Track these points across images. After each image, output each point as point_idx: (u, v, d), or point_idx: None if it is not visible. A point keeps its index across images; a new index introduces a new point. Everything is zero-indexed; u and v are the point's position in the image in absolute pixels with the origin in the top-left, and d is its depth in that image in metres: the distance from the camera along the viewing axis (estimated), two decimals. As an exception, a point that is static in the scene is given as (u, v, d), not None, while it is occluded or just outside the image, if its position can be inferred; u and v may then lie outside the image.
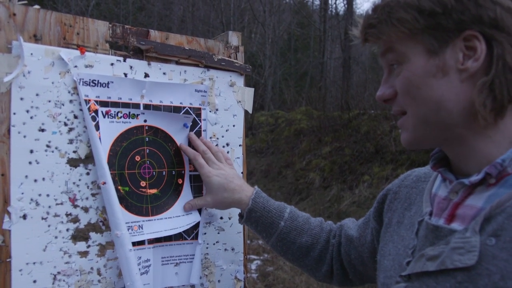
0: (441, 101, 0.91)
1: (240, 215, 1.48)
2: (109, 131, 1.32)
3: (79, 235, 1.27)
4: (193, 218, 1.45)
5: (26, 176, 1.18)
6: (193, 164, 1.45)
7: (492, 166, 0.87)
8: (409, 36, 0.92)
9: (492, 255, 0.80)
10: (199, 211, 1.48)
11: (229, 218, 1.55)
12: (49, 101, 1.22)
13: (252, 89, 1.62)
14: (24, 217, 1.18)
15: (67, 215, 1.24)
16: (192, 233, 1.47)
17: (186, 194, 1.46)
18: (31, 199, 1.19)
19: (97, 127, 1.29)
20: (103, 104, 1.31)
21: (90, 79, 1.28)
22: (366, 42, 1.02)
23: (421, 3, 0.89)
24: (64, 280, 1.23)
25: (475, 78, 0.89)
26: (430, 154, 1.07)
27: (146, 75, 1.39)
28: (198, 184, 1.49)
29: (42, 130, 1.21)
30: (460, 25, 0.88)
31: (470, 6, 0.86)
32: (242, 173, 1.58)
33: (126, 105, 1.35)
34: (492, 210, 0.84)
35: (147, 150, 1.39)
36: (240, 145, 1.58)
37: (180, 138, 1.45)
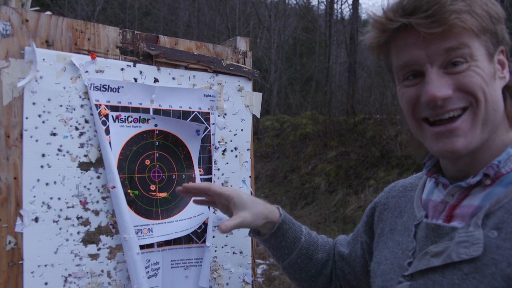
0: (498, 102, 0.95)
1: (255, 232, 1.39)
2: (119, 135, 1.33)
3: (90, 238, 1.29)
4: (204, 217, 1.46)
5: (38, 180, 1.20)
6: (214, 191, 1.30)
7: (490, 168, 0.93)
8: (476, 35, 0.92)
9: (496, 245, 0.85)
10: (208, 208, 1.49)
11: (237, 222, 1.56)
12: (61, 106, 1.24)
13: (260, 94, 1.63)
14: (36, 220, 1.19)
15: (78, 218, 1.26)
16: (202, 236, 1.48)
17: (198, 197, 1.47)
18: (43, 202, 1.21)
19: (107, 131, 1.30)
20: (114, 108, 1.33)
21: (100, 84, 1.30)
22: (437, 27, 0.90)
23: (489, 6, 0.93)
24: (75, 283, 1.25)
25: (506, 87, 0.98)
26: (423, 162, 1.11)
27: (156, 80, 1.41)
28: (207, 188, 1.50)
29: (54, 134, 1.23)
30: (502, 39, 0.96)
31: (504, 28, 0.96)
32: (250, 177, 1.59)
33: (136, 109, 1.37)
34: (492, 207, 0.90)
35: (157, 154, 1.41)
36: (248, 149, 1.60)
37: (192, 144, 1.47)
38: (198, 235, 1.47)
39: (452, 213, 0.97)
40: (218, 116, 1.53)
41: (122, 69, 1.35)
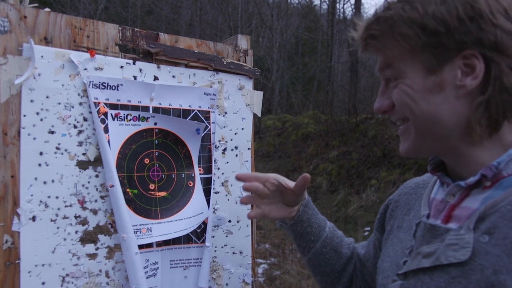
0: (437, 115, 0.92)
1: (281, 223, 1.42)
2: (118, 133, 1.32)
3: (88, 238, 1.27)
4: (203, 216, 1.45)
5: (36, 178, 1.19)
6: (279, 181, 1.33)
7: (488, 169, 0.90)
8: (409, 52, 0.93)
9: (485, 251, 0.83)
10: (208, 208, 1.47)
11: (237, 222, 1.55)
12: (59, 104, 1.23)
13: (261, 93, 1.61)
14: (33, 219, 1.18)
15: (76, 217, 1.25)
16: (202, 236, 1.47)
17: (198, 196, 1.46)
18: (40, 201, 1.19)
19: (106, 129, 1.29)
20: (113, 106, 1.31)
21: (99, 82, 1.29)
22: (365, 51, 1.03)
23: (425, 21, 0.89)
24: (72, 282, 1.23)
25: (471, 95, 0.90)
26: (429, 159, 1.09)
27: (156, 78, 1.40)
28: (207, 187, 1.48)
29: (52, 132, 1.21)
30: (461, 45, 0.89)
31: (472, 28, 0.87)
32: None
33: (135, 107, 1.35)
34: (487, 210, 0.87)
35: (156, 153, 1.39)
36: (248, 148, 1.58)
37: (191, 143, 1.45)
38: (198, 235, 1.46)
39: (451, 214, 0.95)
40: (219, 114, 1.51)
41: (121, 67, 1.34)
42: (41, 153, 1.20)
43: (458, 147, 0.95)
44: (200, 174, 1.48)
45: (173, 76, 1.43)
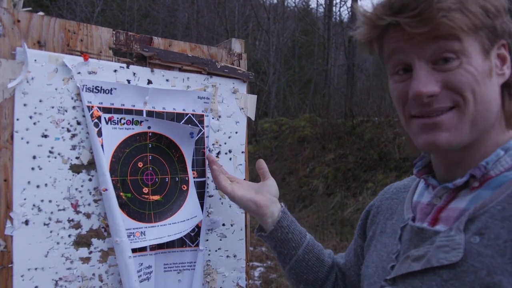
0: (491, 101, 0.92)
1: (258, 230, 1.44)
2: (112, 137, 1.32)
3: (81, 241, 1.27)
4: (197, 220, 1.45)
5: (29, 182, 1.19)
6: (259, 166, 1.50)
7: (477, 169, 0.90)
8: (472, 30, 0.89)
9: (477, 252, 0.82)
10: (202, 209, 1.48)
11: (231, 225, 1.55)
12: (52, 107, 1.23)
13: (255, 96, 1.62)
14: (26, 222, 1.18)
15: (69, 221, 1.24)
16: (195, 240, 1.47)
17: (191, 200, 1.46)
18: (34, 205, 1.19)
19: (99, 133, 1.29)
20: (106, 110, 1.31)
21: (93, 86, 1.29)
22: (437, 25, 0.88)
23: (485, 2, 0.90)
24: (65, 286, 1.23)
25: (507, 84, 0.94)
26: (413, 162, 1.08)
27: (149, 82, 1.40)
28: (201, 191, 1.49)
29: (45, 136, 1.21)
30: (502, 33, 0.91)
31: (508, 20, 0.92)
32: (244, 179, 1.58)
33: (129, 111, 1.35)
34: (476, 211, 0.87)
35: (150, 156, 1.40)
36: (242, 152, 1.58)
37: (185, 146, 1.45)
38: (192, 238, 1.46)
39: (438, 216, 0.95)
40: (212, 118, 1.51)
41: (115, 71, 1.34)
42: (34, 157, 1.20)
43: (481, 140, 0.95)
44: (194, 177, 1.48)
45: (167, 80, 1.43)
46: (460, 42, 0.88)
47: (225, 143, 1.55)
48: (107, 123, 1.31)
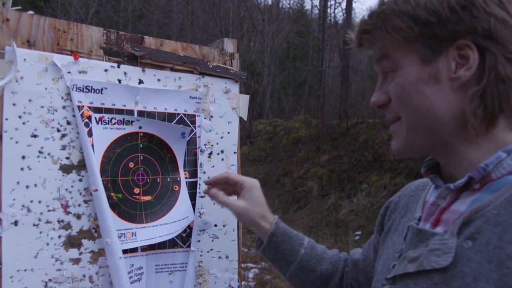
0: (432, 108, 0.91)
1: (257, 245, 1.43)
2: (103, 137, 1.31)
3: (71, 242, 1.26)
4: (189, 220, 1.44)
5: (18, 182, 1.17)
6: (232, 179, 1.39)
7: (475, 170, 0.88)
8: (403, 44, 0.92)
9: (467, 257, 0.81)
10: (193, 212, 1.46)
11: (223, 226, 1.54)
12: (42, 107, 1.21)
13: (247, 96, 1.61)
14: (16, 223, 1.17)
15: (59, 221, 1.23)
16: (187, 240, 1.46)
17: (183, 201, 1.45)
18: (23, 206, 1.18)
19: (90, 133, 1.28)
20: (97, 110, 1.30)
21: (83, 85, 1.28)
22: (360, 47, 1.02)
23: (416, 12, 0.89)
24: (55, 288, 1.22)
25: (466, 87, 0.89)
26: (423, 161, 1.08)
27: (141, 82, 1.39)
28: (193, 191, 1.48)
29: (35, 136, 1.20)
30: (454, 35, 0.88)
31: (465, 17, 0.86)
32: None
33: (120, 111, 1.34)
34: (472, 214, 0.85)
35: (141, 157, 1.39)
36: (235, 152, 1.57)
37: (177, 147, 1.44)
38: (183, 239, 1.45)
39: (440, 217, 0.93)
40: (204, 118, 1.50)
41: (106, 70, 1.33)
42: (23, 157, 1.18)
43: (451, 144, 0.93)
44: (185, 178, 1.47)
45: (158, 80, 1.42)
46: (389, 58, 0.96)
47: (217, 144, 1.54)
48: (97, 123, 1.30)
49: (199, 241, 1.49)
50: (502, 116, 0.90)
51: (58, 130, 1.24)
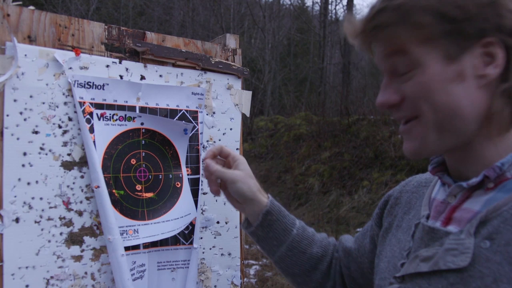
0: (458, 107, 0.88)
1: (246, 223, 1.36)
2: (104, 133, 1.30)
3: (73, 239, 1.25)
4: (191, 217, 1.43)
5: (19, 179, 1.17)
6: (224, 151, 1.32)
7: (491, 169, 0.86)
8: (425, 41, 0.88)
9: (486, 257, 0.80)
10: (196, 207, 1.45)
11: (226, 223, 1.53)
12: (43, 103, 1.21)
13: (250, 92, 1.60)
14: (17, 220, 1.16)
15: (60, 218, 1.23)
16: (189, 237, 1.45)
17: (185, 197, 1.44)
18: (24, 202, 1.17)
19: (91, 129, 1.27)
20: (98, 106, 1.29)
21: (85, 81, 1.27)
22: (367, 43, 0.96)
23: (443, 7, 0.85)
24: (57, 285, 1.21)
25: (493, 85, 0.87)
26: (429, 159, 1.06)
27: (142, 77, 1.38)
28: (195, 188, 1.47)
29: (36, 132, 1.19)
30: (481, 32, 0.85)
31: (491, 14, 0.84)
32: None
33: (121, 107, 1.33)
34: (489, 214, 0.84)
35: (143, 153, 1.38)
36: (237, 149, 1.57)
37: (179, 143, 1.43)
38: (185, 236, 1.44)
39: (451, 216, 0.92)
40: (207, 114, 1.49)
41: (107, 66, 1.32)
42: (24, 154, 1.18)
43: (472, 143, 0.91)
44: (188, 174, 1.46)
45: (160, 76, 1.41)
46: (408, 55, 0.89)
47: (220, 140, 1.53)
48: (99, 119, 1.29)
49: (201, 238, 1.48)
50: None
51: (60, 127, 1.23)
